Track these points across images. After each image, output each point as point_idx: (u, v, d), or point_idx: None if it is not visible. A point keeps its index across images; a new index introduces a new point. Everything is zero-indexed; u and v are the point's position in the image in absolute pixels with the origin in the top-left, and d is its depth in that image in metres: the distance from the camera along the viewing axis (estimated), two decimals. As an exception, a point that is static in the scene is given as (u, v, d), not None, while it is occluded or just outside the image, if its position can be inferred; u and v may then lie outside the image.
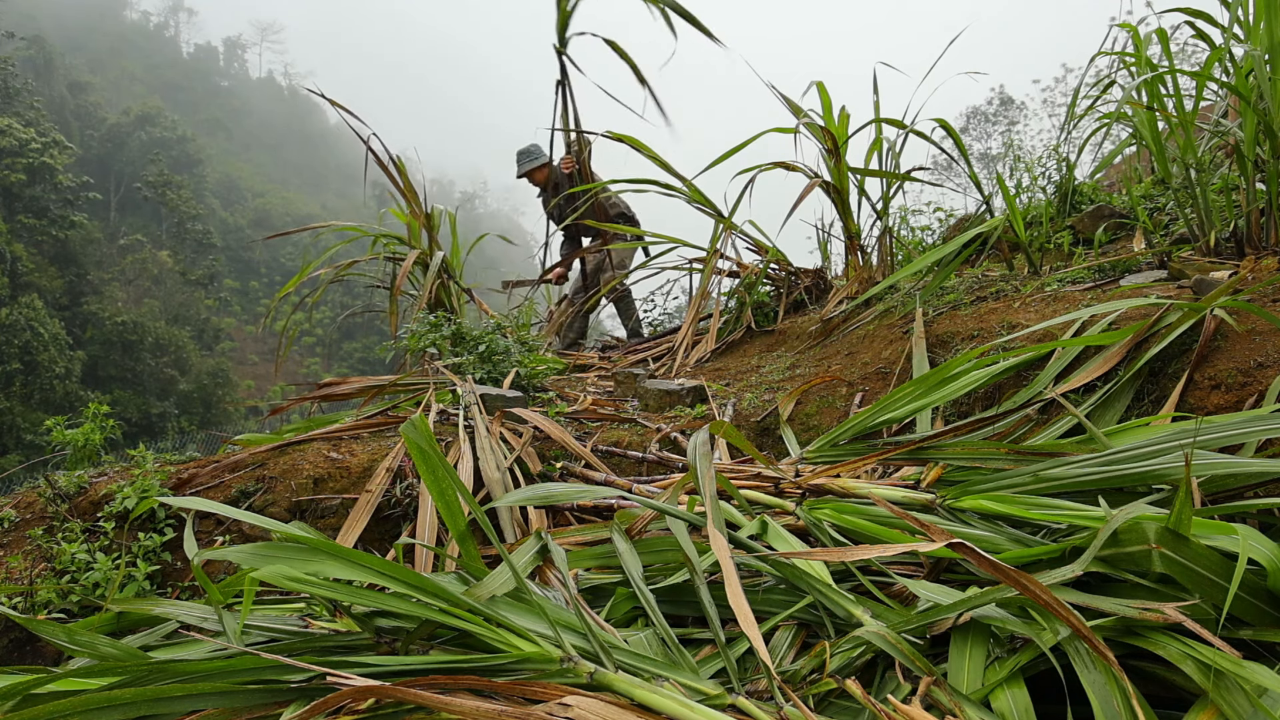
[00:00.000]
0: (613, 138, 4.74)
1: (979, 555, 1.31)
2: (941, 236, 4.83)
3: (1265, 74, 2.70)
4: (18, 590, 2.03)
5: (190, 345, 39.89)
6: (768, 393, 3.33)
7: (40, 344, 29.71)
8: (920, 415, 2.58)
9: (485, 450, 2.61)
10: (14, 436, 27.96)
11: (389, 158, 4.77)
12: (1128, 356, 2.37)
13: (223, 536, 2.32)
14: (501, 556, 1.60)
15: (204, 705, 1.26)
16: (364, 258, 5.11)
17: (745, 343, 4.58)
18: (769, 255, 4.85)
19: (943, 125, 4.14)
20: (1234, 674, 1.14)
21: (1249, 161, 2.87)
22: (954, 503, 1.88)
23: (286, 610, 1.79)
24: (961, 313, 3.24)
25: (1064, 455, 1.90)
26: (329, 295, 24.46)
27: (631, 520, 2.05)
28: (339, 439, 2.83)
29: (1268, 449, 1.84)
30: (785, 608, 1.60)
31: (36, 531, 2.21)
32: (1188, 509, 1.29)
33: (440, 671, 1.33)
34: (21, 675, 1.41)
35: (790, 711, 1.23)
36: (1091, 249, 3.78)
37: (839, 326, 3.98)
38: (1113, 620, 1.30)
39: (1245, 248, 2.98)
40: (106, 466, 2.62)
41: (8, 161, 33.82)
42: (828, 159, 4.25)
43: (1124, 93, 3.49)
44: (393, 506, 2.50)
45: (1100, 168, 4.77)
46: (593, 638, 1.43)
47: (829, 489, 2.12)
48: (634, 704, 1.23)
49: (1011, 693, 1.23)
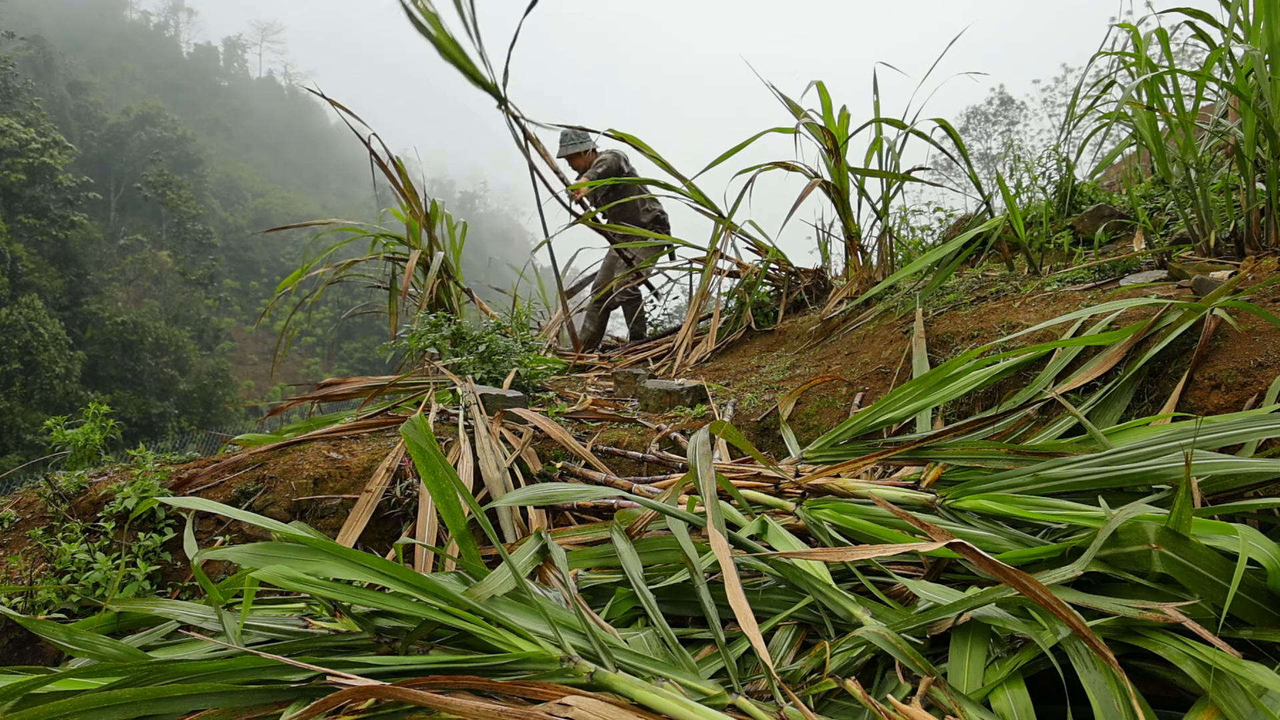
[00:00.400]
0: (614, 136, 4.74)
1: (979, 555, 1.31)
2: (941, 236, 4.83)
3: (1265, 74, 2.70)
4: (18, 590, 2.03)
5: (190, 345, 39.89)
6: (768, 393, 3.33)
7: (40, 344, 29.71)
8: (920, 415, 2.58)
9: (485, 450, 2.61)
10: (14, 436, 27.96)
11: (389, 158, 4.77)
12: (1128, 356, 2.37)
13: (223, 536, 2.32)
14: (501, 556, 1.60)
15: (204, 705, 1.26)
16: (364, 258, 5.11)
17: (745, 343, 4.59)
18: (769, 255, 4.85)
19: (943, 125, 4.14)
20: (1234, 674, 1.14)
21: (1249, 161, 2.87)
22: (954, 503, 1.88)
23: (286, 610, 1.79)
24: (961, 313, 3.24)
25: (1064, 455, 1.90)
26: (329, 295, 24.31)
27: (631, 520, 2.05)
28: (339, 439, 2.83)
29: (1268, 449, 1.84)
30: (785, 608, 1.60)
31: (36, 531, 2.21)
32: (1188, 509, 1.29)
33: (440, 671, 1.33)
34: (21, 675, 1.41)
35: (790, 711, 1.23)
36: (1091, 249, 3.78)
37: (839, 326, 3.98)
38: (1113, 620, 1.30)
39: (1245, 248, 2.98)
40: (106, 466, 2.62)
41: (8, 161, 33.83)
42: (828, 159, 4.25)
43: (1124, 93, 3.49)
44: (393, 506, 2.50)
45: (1100, 168, 4.77)
46: (593, 638, 1.43)
47: (829, 489, 2.12)
48: (634, 704, 1.23)
49: (1011, 693, 1.23)
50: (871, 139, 4.13)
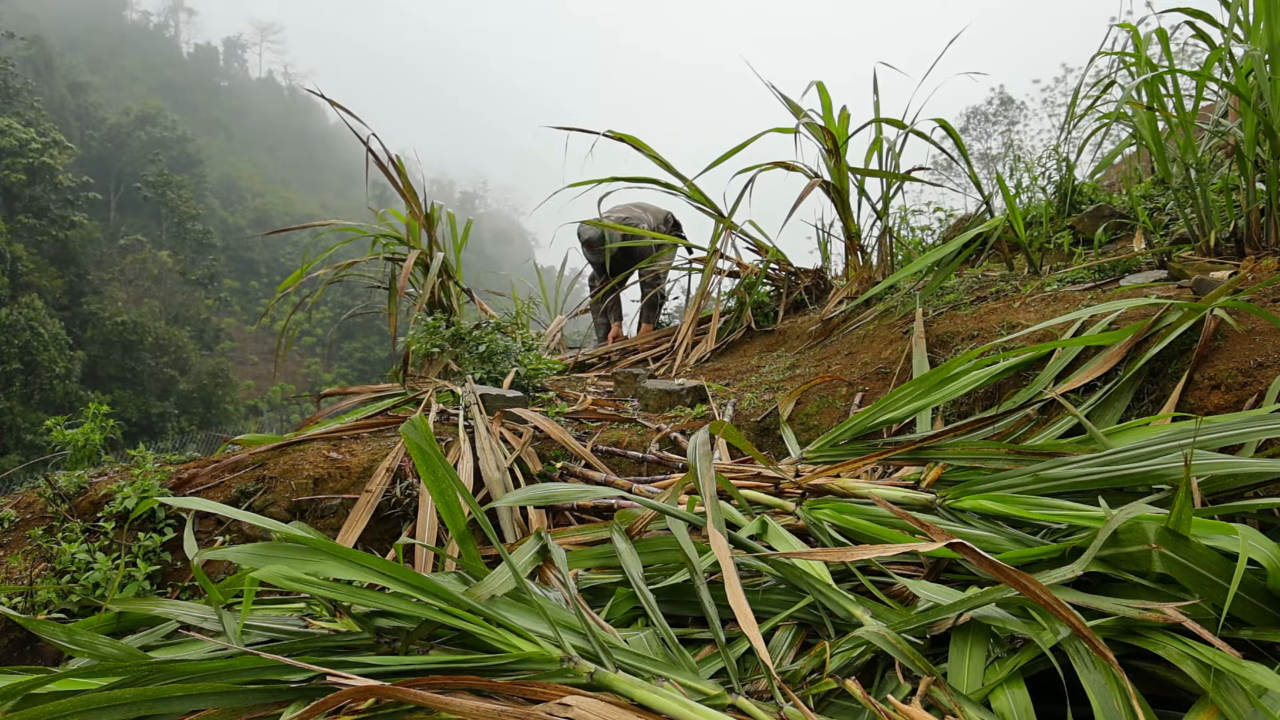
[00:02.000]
0: (613, 137, 4.73)
1: (979, 555, 1.31)
2: (941, 236, 4.83)
3: (1265, 74, 2.70)
4: (18, 590, 2.03)
5: (190, 345, 39.90)
6: (768, 393, 3.33)
7: (40, 344, 29.71)
8: (920, 415, 2.58)
9: (485, 450, 2.61)
10: (14, 436, 27.96)
11: (388, 158, 4.76)
12: (1128, 356, 2.37)
13: (223, 536, 2.32)
14: (501, 556, 1.60)
15: (204, 705, 1.26)
16: (364, 258, 5.11)
17: (745, 343, 4.59)
18: (769, 255, 4.85)
19: (943, 125, 4.14)
20: (1234, 674, 1.14)
21: (1249, 161, 2.87)
22: (954, 503, 1.88)
23: (286, 610, 1.79)
24: (961, 313, 3.24)
25: (1064, 455, 1.90)
26: (329, 295, 24.35)
27: (631, 520, 2.05)
28: (339, 439, 2.83)
29: (1268, 449, 1.84)
30: (785, 608, 1.60)
31: (36, 531, 2.21)
32: (1188, 509, 1.29)
33: (440, 671, 1.33)
34: (21, 675, 1.41)
35: (790, 711, 1.23)
36: (1091, 249, 3.78)
37: (839, 326, 3.98)
38: (1113, 620, 1.30)
39: (1245, 248, 2.98)
40: (106, 466, 2.62)
41: (8, 161, 33.83)
42: (828, 159, 4.25)
43: (1124, 93, 3.49)
44: (393, 506, 2.50)
45: (1100, 168, 4.78)
46: (593, 638, 1.43)
47: (829, 489, 2.12)
48: (634, 704, 1.23)
49: (1011, 693, 1.23)
50: (871, 139, 4.13)
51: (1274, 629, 1.28)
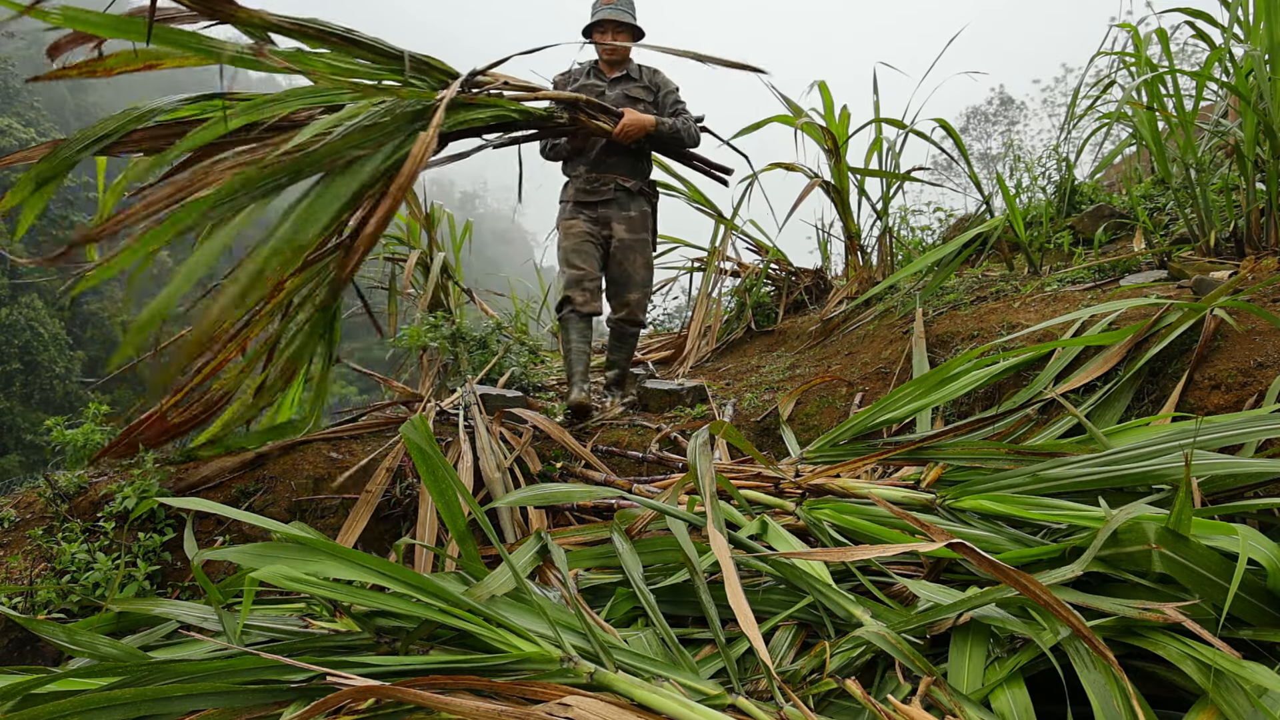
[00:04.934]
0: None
1: (979, 555, 1.31)
2: (941, 236, 4.83)
3: (1265, 74, 2.70)
4: (18, 590, 2.03)
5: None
6: (768, 393, 3.33)
7: (40, 344, 29.71)
8: (920, 415, 2.58)
9: (485, 450, 2.61)
10: (14, 436, 27.96)
11: (388, 158, 4.76)
12: (1128, 356, 2.37)
13: (223, 536, 2.32)
14: (501, 556, 1.60)
15: (204, 705, 1.26)
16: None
17: (745, 343, 4.59)
18: (769, 255, 4.85)
19: (943, 125, 4.14)
20: (1234, 674, 1.14)
21: (1249, 161, 2.87)
22: (954, 503, 1.88)
23: (286, 610, 1.79)
24: (961, 313, 3.24)
25: (1064, 455, 1.90)
26: (329, 295, 24.10)
27: (631, 520, 2.05)
28: (339, 439, 2.83)
29: (1268, 449, 1.84)
30: (785, 608, 1.60)
31: (36, 531, 2.21)
32: (1188, 509, 1.29)
33: (440, 671, 1.33)
34: (21, 675, 1.41)
35: (790, 711, 1.23)
36: (1091, 249, 3.78)
37: (839, 326, 3.98)
38: (1113, 620, 1.30)
39: (1245, 248, 2.98)
40: (106, 466, 2.61)
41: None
42: (828, 159, 4.25)
43: (1124, 93, 3.49)
44: (393, 506, 2.50)
45: (1100, 168, 4.78)
46: (593, 638, 1.43)
47: (829, 489, 2.12)
48: (634, 704, 1.23)
49: (1011, 693, 1.23)
50: (871, 139, 4.13)
51: (1274, 629, 1.28)
